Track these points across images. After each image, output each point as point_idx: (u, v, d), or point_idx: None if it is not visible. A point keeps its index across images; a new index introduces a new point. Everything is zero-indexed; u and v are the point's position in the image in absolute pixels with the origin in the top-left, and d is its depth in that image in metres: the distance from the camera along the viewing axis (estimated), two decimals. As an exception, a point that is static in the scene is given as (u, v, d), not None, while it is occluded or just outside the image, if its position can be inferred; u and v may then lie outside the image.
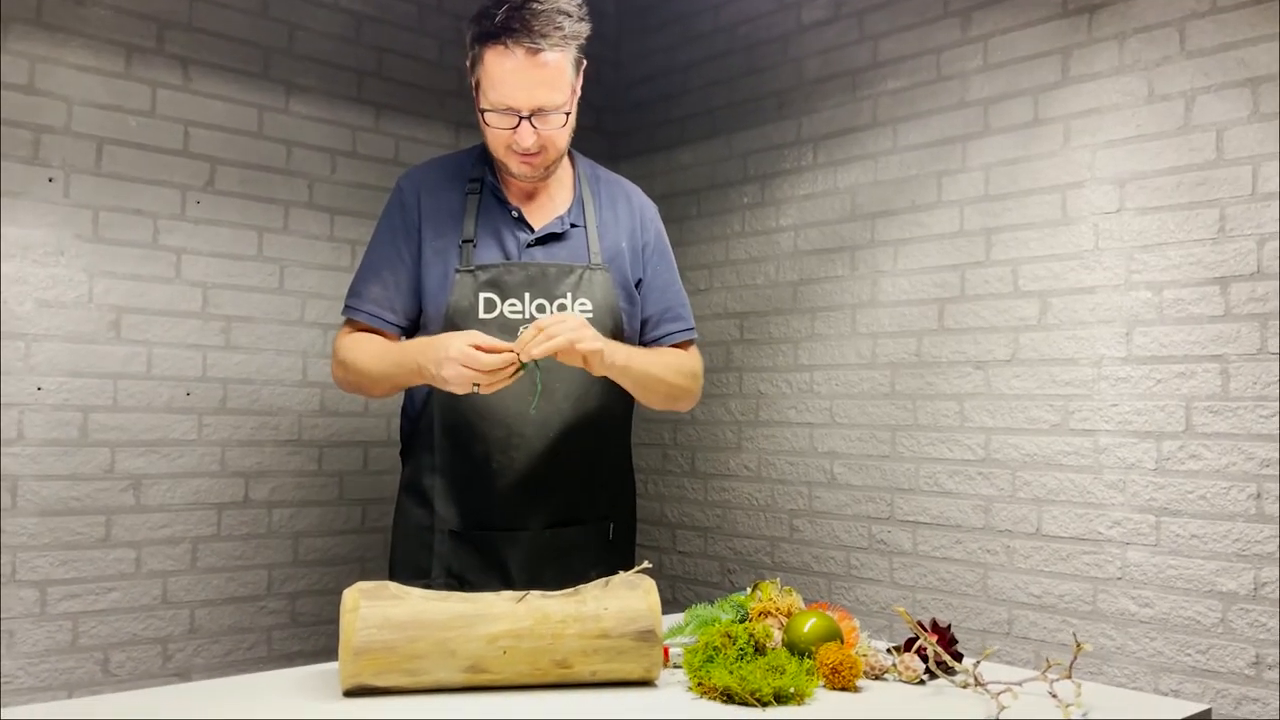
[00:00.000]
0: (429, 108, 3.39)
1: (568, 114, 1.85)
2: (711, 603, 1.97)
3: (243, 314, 2.98)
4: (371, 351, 1.89)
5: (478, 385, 1.70)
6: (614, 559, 2.02)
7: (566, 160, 2.00)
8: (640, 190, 2.10)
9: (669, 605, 3.51)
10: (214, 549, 2.92)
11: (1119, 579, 2.46)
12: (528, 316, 1.87)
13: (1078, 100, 2.59)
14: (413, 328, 1.96)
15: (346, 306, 1.95)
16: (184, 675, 2.86)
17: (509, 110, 1.80)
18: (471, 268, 1.88)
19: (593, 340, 1.73)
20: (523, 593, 1.67)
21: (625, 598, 1.63)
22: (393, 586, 1.60)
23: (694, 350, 2.08)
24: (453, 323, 1.87)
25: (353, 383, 1.95)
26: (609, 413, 1.99)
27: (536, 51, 1.75)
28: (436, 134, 3.40)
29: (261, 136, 3.03)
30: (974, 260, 2.77)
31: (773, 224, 3.29)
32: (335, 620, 3.13)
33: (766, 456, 3.27)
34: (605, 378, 1.87)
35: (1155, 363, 2.42)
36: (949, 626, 1.75)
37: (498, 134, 1.84)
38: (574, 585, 1.97)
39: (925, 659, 1.69)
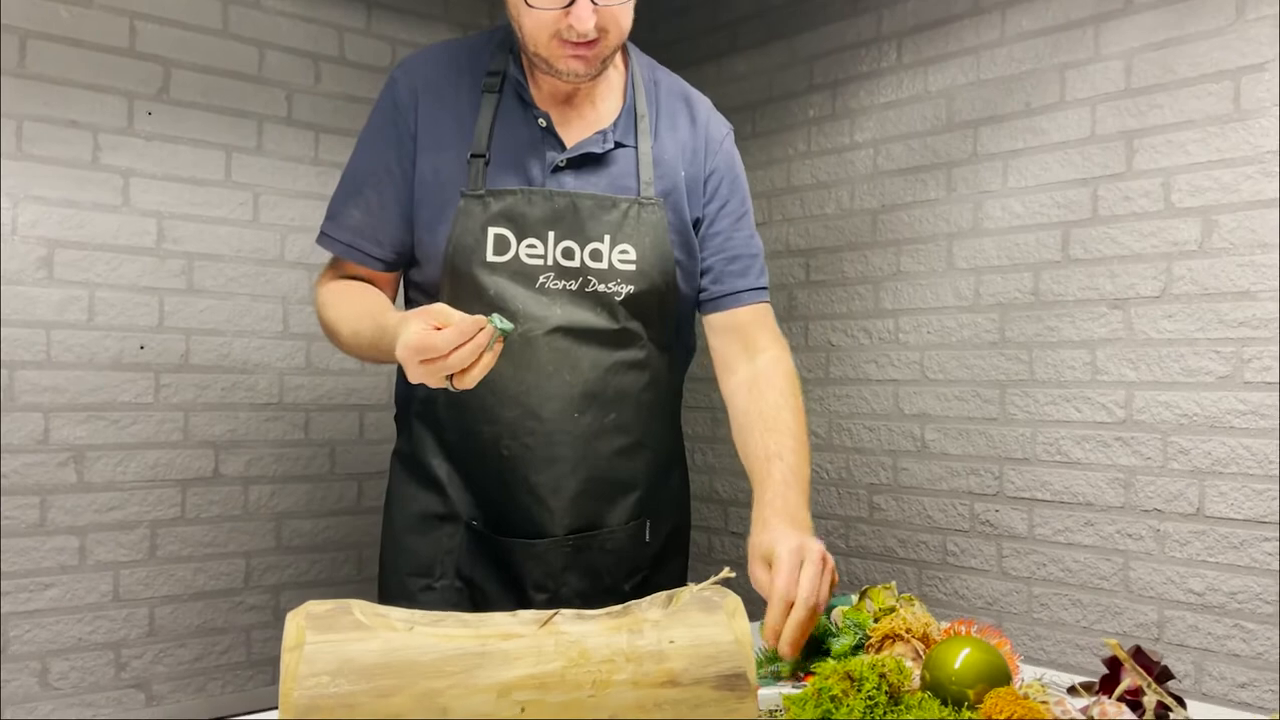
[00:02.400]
0: (431, 6, 2.91)
1: None
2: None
3: (208, 250, 2.53)
4: (344, 311, 1.46)
5: (450, 380, 1.21)
6: (653, 568, 1.57)
7: (618, 56, 1.52)
8: (709, 104, 1.61)
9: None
10: (177, 534, 2.48)
11: (1315, 573, 1.92)
12: (550, 262, 1.43)
13: (1256, -41, 2.02)
14: (406, 262, 1.52)
15: (321, 233, 1.52)
16: (143, 687, 2.40)
17: None
18: (480, 192, 1.43)
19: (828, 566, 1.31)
20: (549, 613, 1.15)
21: (699, 624, 1.11)
22: (357, 609, 1.09)
23: (775, 330, 1.59)
24: (453, 265, 1.43)
25: (334, 343, 1.52)
26: (653, 386, 1.53)
27: None
28: (439, 38, 2.87)
29: (227, 35, 2.56)
30: (1110, 172, 2.22)
31: (846, 140, 2.75)
32: (327, 617, 2.64)
33: (839, 421, 2.74)
34: (645, 334, 1.49)
35: (1369, 294, 1.87)
36: (1161, 660, 1.22)
37: (543, 18, 1.35)
38: (603, 604, 1.50)
39: (1137, 707, 1.16)
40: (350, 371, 2.73)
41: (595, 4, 1.34)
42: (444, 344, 1.16)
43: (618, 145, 1.47)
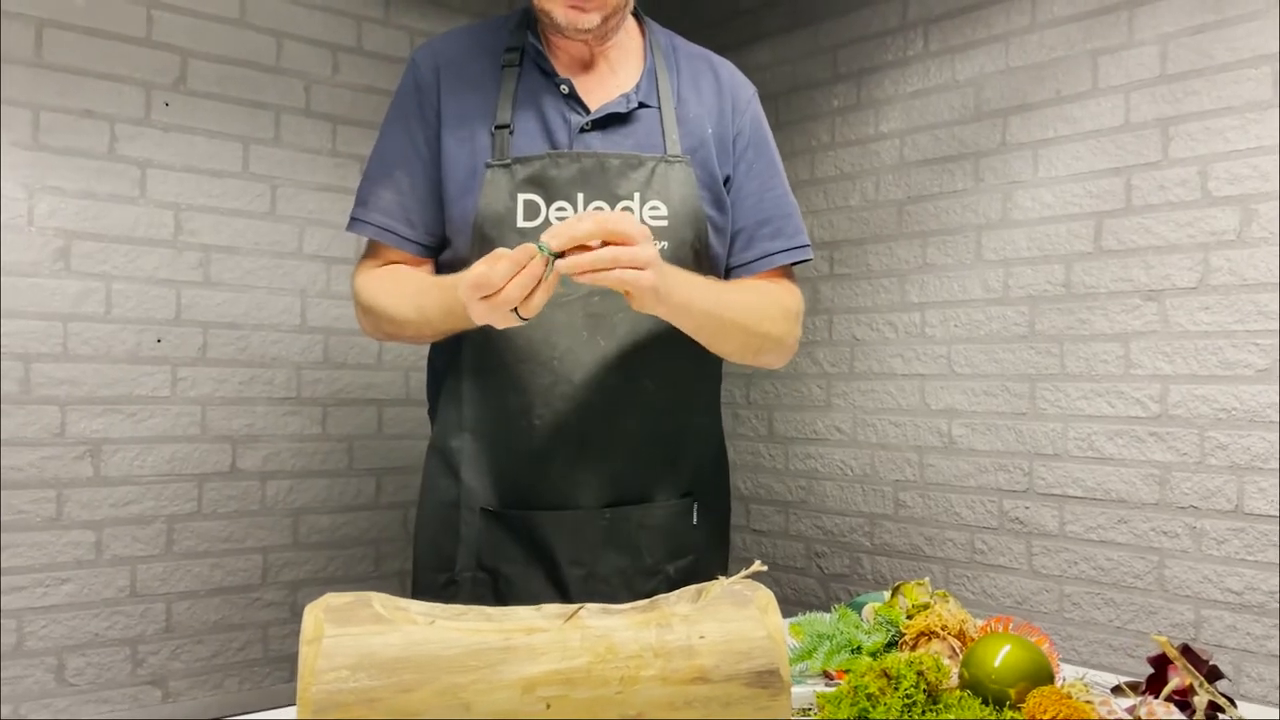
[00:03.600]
0: (451, -4, 2.84)
1: None
2: (828, 611, 1.40)
3: (225, 243, 2.49)
4: (400, 291, 1.44)
5: (517, 311, 1.21)
6: (698, 552, 1.52)
7: (633, 25, 1.53)
8: (733, 66, 1.59)
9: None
10: (194, 529, 2.45)
11: (1359, 572, 1.86)
12: None
13: (1297, -60, 1.96)
14: (439, 245, 1.50)
15: (351, 219, 1.49)
16: (159, 683, 2.37)
17: None
18: (507, 161, 1.41)
19: (646, 260, 1.20)
20: (574, 608, 1.11)
21: (730, 619, 1.07)
22: (377, 601, 1.05)
23: (791, 285, 1.55)
24: (483, 234, 1.40)
25: (387, 331, 1.49)
26: (692, 354, 1.47)
27: None
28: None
29: (244, 25, 2.52)
30: (1145, 161, 2.17)
31: (871, 131, 2.70)
32: (344, 614, 2.61)
33: (864, 416, 2.69)
34: None
35: None
36: (1211, 658, 1.17)
37: None
38: (644, 585, 1.45)
39: (1186, 707, 1.11)
40: (368, 366, 2.69)
41: None
42: (499, 277, 1.16)
43: (641, 106, 1.46)
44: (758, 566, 1.16)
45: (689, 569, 1.50)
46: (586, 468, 1.43)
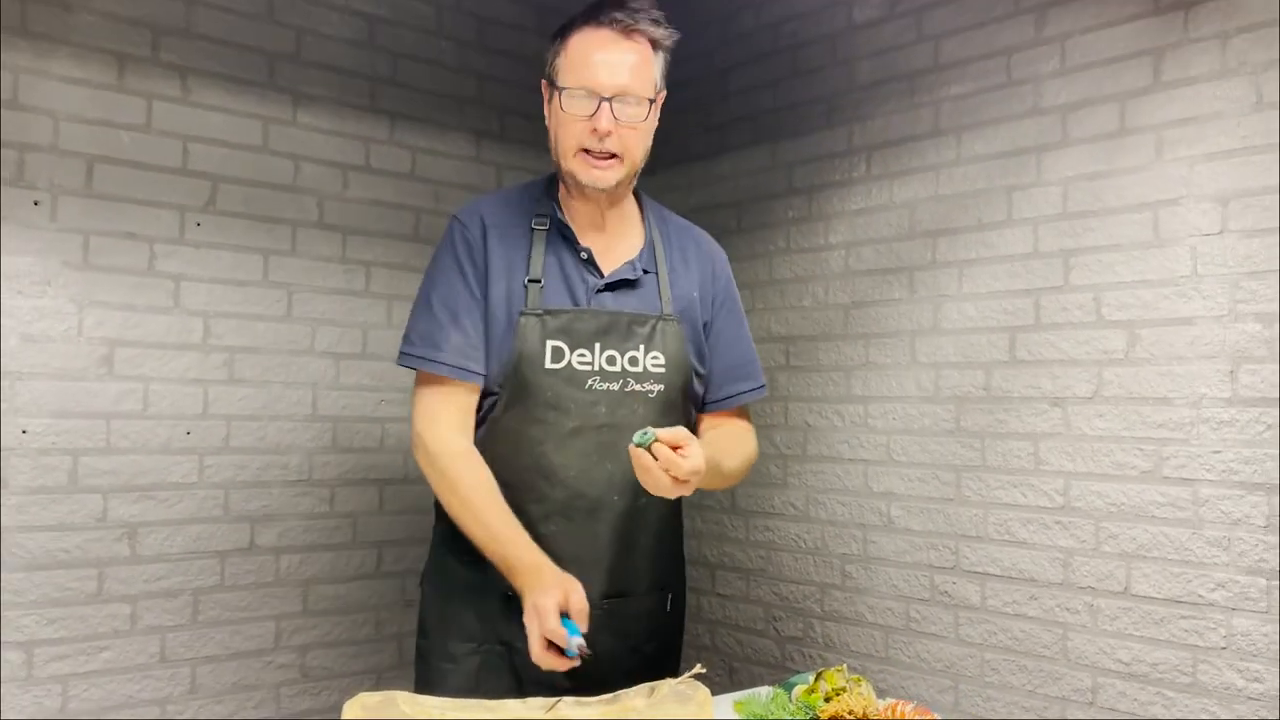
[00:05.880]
0: (448, 116, 3.15)
1: (650, 105, 1.71)
2: (768, 689, 1.72)
3: (247, 344, 2.76)
4: (479, 500, 1.71)
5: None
6: (668, 631, 1.94)
7: (633, 200, 1.88)
8: (709, 237, 1.99)
9: (706, 652, 3.28)
10: (216, 600, 2.71)
11: (1223, 649, 2.19)
12: (596, 368, 1.75)
13: (1172, 107, 2.31)
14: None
15: (422, 358, 1.74)
16: (184, 739, 2.64)
17: (590, 93, 1.67)
18: (540, 312, 1.74)
19: (691, 471, 1.56)
20: (553, 700, 1.43)
21: (675, 715, 1.38)
22: (401, 700, 1.37)
23: (747, 420, 2.00)
24: (517, 371, 1.72)
25: (439, 489, 1.78)
26: None
27: (629, 31, 1.68)
28: (456, 145, 3.16)
29: (266, 151, 2.80)
30: (1050, 285, 2.50)
31: (821, 241, 3.03)
32: (350, 673, 2.91)
33: (815, 495, 3.01)
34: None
35: (1266, 405, 2.15)
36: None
37: (571, 128, 1.70)
38: (628, 662, 1.78)
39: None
40: (372, 449, 2.99)
41: (615, 118, 1.66)
42: (552, 637, 1.50)
43: (645, 272, 1.80)
44: (698, 669, 1.48)
45: (663, 647, 1.88)
46: (592, 566, 1.74)
